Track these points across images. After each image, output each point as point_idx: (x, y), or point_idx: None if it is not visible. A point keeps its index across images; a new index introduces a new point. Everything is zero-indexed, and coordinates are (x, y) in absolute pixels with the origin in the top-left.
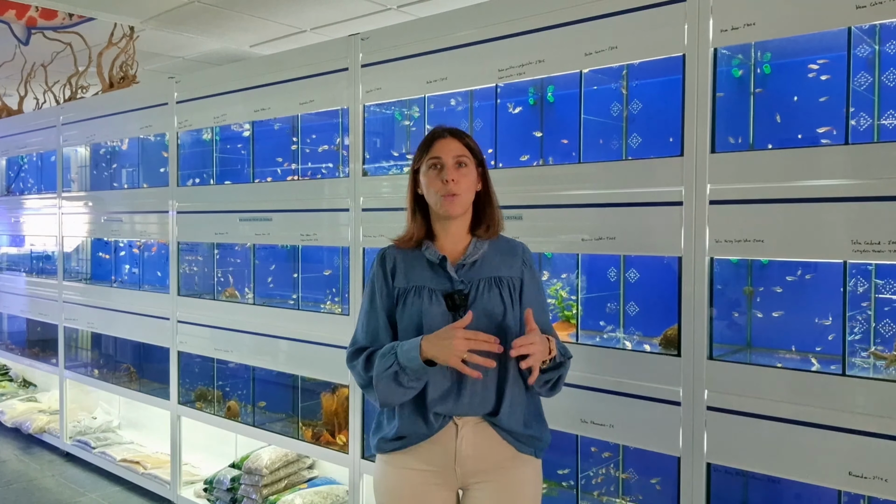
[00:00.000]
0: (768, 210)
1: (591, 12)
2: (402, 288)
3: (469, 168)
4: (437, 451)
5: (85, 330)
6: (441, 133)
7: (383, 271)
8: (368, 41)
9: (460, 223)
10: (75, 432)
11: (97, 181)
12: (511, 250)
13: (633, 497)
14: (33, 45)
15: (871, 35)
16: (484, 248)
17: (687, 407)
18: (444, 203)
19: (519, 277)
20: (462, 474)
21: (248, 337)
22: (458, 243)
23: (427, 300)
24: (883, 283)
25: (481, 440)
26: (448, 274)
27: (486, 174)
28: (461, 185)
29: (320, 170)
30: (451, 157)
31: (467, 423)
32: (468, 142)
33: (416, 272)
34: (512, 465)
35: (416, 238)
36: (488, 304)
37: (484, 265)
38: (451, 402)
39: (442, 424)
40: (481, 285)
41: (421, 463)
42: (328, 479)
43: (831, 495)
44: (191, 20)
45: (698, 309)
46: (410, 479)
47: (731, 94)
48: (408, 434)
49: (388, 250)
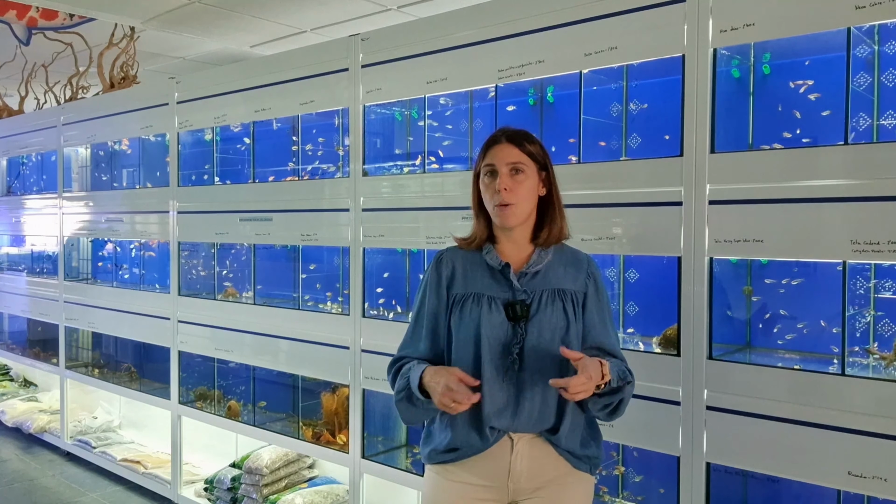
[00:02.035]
0: (768, 210)
1: (591, 12)
2: (461, 294)
3: (526, 174)
4: (491, 466)
5: (85, 330)
6: (498, 138)
7: (438, 276)
8: (368, 41)
9: (522, 230)
10: (76, 432)
11: (98, 181)
12: (576, 262)
13: (632, 497)
14: (34, 46)
15: (871, 35)
16: (548, 258)
17: (686, 407)
18: (497, 213)
19: (583, 291)
20: (514, 490)
21: (248, 337)
22: (520, 250)
23: (486, 308)
24: (883, 283)
25: (537, 456)
26: (510, 282)
27: (552, 178)
28: (515, 194)
29: (319, 170)
30: (506, 165)
31: (523, 438)
32: (527, 147)
33: (476, 278)
34: (565, 482)
35: (479, 240)
36: (552, 317)
37: (548, 276)
38: (508, 417)
39: (497, 438)
40: (544, 297)
41: (473, 476)
42: (328, 479)
43: (831, 495)
44: (191, 21)
45: (698, 309)
46: (461, 492)
47: (731, 95)
48: (461, 446)
49: (445, 253)
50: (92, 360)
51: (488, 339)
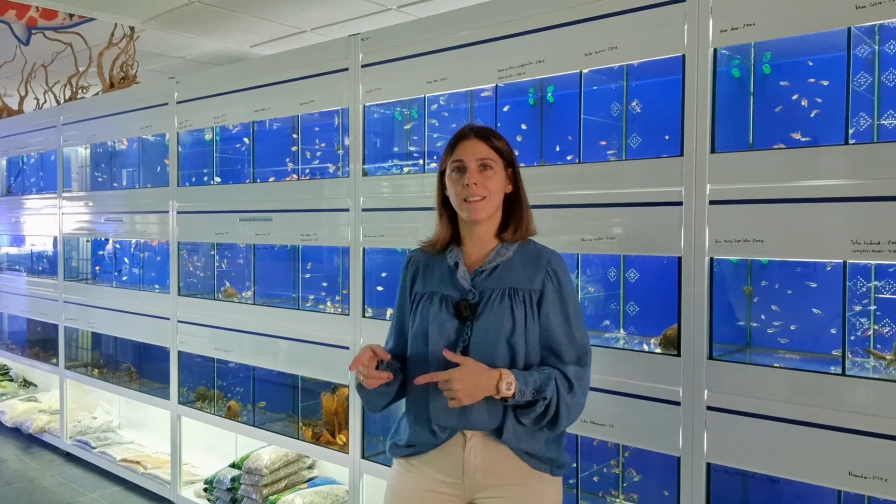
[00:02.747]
0: (768, 210)
1: (591, 12)
2: (419, 293)
3: (494, 171)
4: (446, 461)
5: (85, 330)
6: (466, 133)
7: (404, 276)
8: (368, 41)
9: (487, 227)
10: (75, 432)
11: (97, 181)
12: (537, 260)
13: (632, 496)
14: (34, 46)
15: (871, 35)
16: (509, 255)
17: (687, 407)
18: (465, 208)
19: (538, 290)
20: (471, 487)
21: (248, 337)
22: (483, 248)
23: (437, 307)
24: (883, 284)
25: (491, 455)
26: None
27: (517, 175)
28: (484, 189)
29: (318, 170)
30: (475, 161)
31: (476, 435)
32: (495, 143)
33: (434, 277)
34: (527, 483)
35: (441, 242)
36: (496, 317)
37: (505, 273)
38: (455, 416)
39: (450, 435)
40: (494, 296)
41: (432, 470)
42: (328, 479)
43: (831, 495)
44: (191, 20)
45: (698, 309)
46: (421, 483)
47: (731, 94)
48: (415, 442)
49: (413, 254)
50: (91, 360)
51: (435, 337)
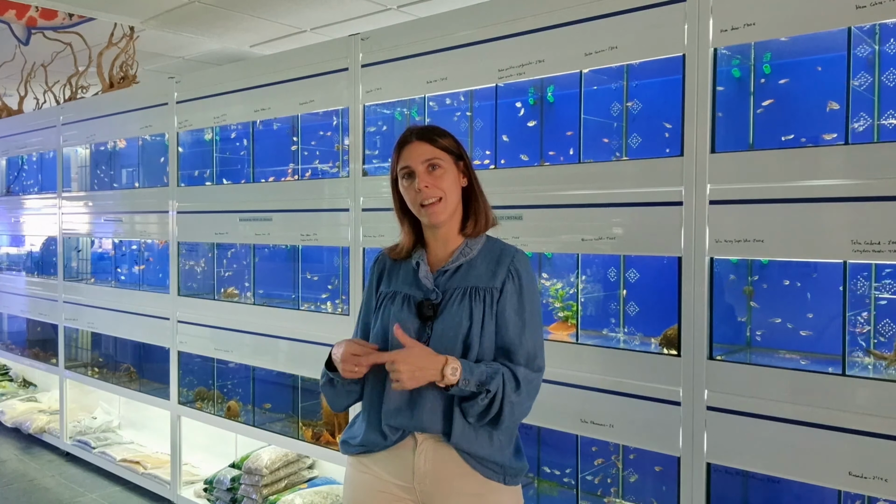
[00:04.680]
0: (768, 210)
1: (591, 12)
2: (384, 292)
3: (444, 168)
4: (397, 463)
5: (85, 330)
6: (408, 137)
7: (371, 276)
8: (368, 41)
9: (450, 226)
10: (75, 432)
11: (97, 181)
12: (500, 258)
13: (633, 497)
14: (33, 45)
15: (871, 35)
16: (473, 253)
17: (687, 407)
18: (424, 213)
19: (499, 288)
20: (422, 492)
21: (248, 337)
22: (448, 247)
23: (398, 307)
24: (883, 284)
25: (440, 460)
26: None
27: (469, 167)
28: (436, 189)
29: (319, 170)
30: (421, 163)
31: (428, 439)
32: (440, 141)
33: (399, 277)
34: (481, 495)
35: (405, 249)
36: (455, 316)
37: (468, 272)
38: (406, 416)
39: (401, 437)
40: (455, 295)
41: (382, 472)
42: (328, 479)
43: (832, 496)
44: (191, 20)
45: (698, 309)
46: (373, 484)
47: (731, 94)
48: (366, 443)
49: (381, 254)
50: (91, 360)
51: (393, 336)
